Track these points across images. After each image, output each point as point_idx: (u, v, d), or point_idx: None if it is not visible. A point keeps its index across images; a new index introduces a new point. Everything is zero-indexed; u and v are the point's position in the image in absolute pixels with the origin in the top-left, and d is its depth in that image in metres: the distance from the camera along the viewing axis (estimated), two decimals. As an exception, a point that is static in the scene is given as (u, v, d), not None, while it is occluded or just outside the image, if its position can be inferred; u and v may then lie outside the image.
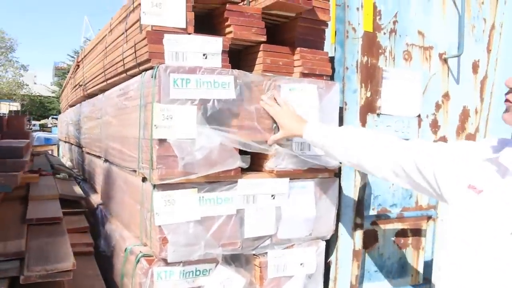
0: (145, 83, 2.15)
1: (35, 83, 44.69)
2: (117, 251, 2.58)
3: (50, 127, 22.84)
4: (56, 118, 27.25)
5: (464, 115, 3.09)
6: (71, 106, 6.21)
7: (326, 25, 2.52)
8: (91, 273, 2.50)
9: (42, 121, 28.18)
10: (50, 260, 1.96)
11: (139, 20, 2.24)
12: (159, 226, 2.01)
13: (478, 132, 3.14)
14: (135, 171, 2.37)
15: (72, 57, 31.32)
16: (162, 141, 1.98)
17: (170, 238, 2.02)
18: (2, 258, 1.93)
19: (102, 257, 2.84)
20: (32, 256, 1.99)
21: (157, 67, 1.99)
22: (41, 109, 37.68)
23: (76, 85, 5.27)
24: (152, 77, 2.01)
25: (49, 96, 38.17)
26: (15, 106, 33.12)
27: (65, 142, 7.30)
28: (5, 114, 27.69)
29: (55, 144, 11.02)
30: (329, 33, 2.74)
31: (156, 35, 2.04)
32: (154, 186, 2.03)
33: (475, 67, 3.13)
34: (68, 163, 6.53)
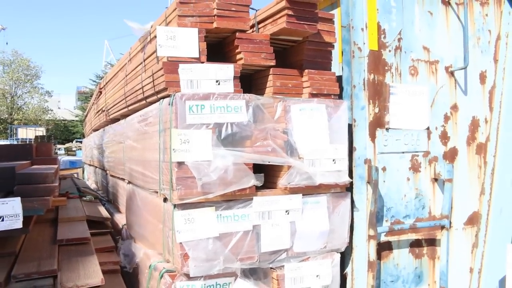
0: (163, 110, 2.31)
1: (59, 107, 45.86)
2: (142, 268, 2.72)
3: (74, 151, 23.36)
4: (80, 142, 27.84)
5: (474, 125, 3.15)
6: (94, 130, 6.45)
7: (332, 46, 2.67)
8: (118, 290, 2.65)
9: (67, 145, 28.84)
10: (80, 277, 2.13)
11: (155, 51, 2.41)
12: (180, 243, 2.15)
13: (489, 141, 3.19)
14: (156, 192, 2.53)
15: (94, 81, 32.03)
16: (180, 164, 2.13)
17: (191, 254, 2.16)
18: (36, 276, 2.11)
19: (128, 275, 2.98)
20: (64, 273, 2.16)
21: (174, 95, 2.16)
22: (66, 133, 38.57)
23: (99, 111, 5.50)
24: (169, 104, 2.17)
25: (73, 120, 39.07)
26: (41, 131, 33.98)
27: (90, 165, 7.55)
28: (31, 139, 28.48)
29: (80, 167, 11.34)
30: (337, 53, 2.88)
31: (171, 65, 2.21)
32: (175, 205, 2.18)
33: (482, 77, 3.19)
34: (93, 186, 6.76)
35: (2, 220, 2.08)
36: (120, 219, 3.89)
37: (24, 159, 3.62)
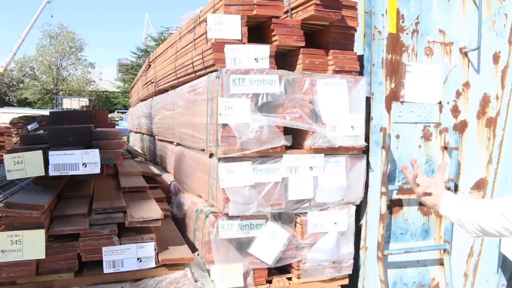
0: (211, 82, 2.82)
1: (100, 79, 47.38)
2: (189, 213, 3.29)
3: (117, 121, 24.41)
4: (122, 112, 28.86)
5: (485, 101, 3.49)
6: (141, 100, 7.06)
7: (355, 30, 3.09)
8: (170, 229, 3.23)
9: (109, 115, 30.05)
10: (144, 212, 2.70)
11: (205, 33, 2.91)
12: (223, 189, 2.69)
13: (499, 116, 3.53)
14: (203, 150, 3.07)
15: (135, 53, 32.82)
16: (225, 125, 2.66)
17: (231, 198, 2.70)
18: (111, 210, 2.70)
19: (176, 220, 3.56)
20: (131, 210, 2.73)
21: (220, 70, 2.67)
22: (107, 104, 39.98)
23: (147, 82, 6.08)
24: (216, 77, 2.68)
25: (114, 92, 40.37)
26: (84, 101, 35.46)
27: (136, 132, 8.22)
28: (76, 109, 29.80)
29: (124, 136, 12.13)
30: (360, 35, 3.29)
31: (219, 45, 2.71)
32: (219, 159, 2.71)
33: (496, 58, 3.50)
34: (139, 151, 7.42)
35: (85, 166, 2.67)
36: (167, 177, 4.47)
37: (86, 123, 4.22)
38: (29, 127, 10.62)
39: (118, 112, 31.46)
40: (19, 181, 3.47)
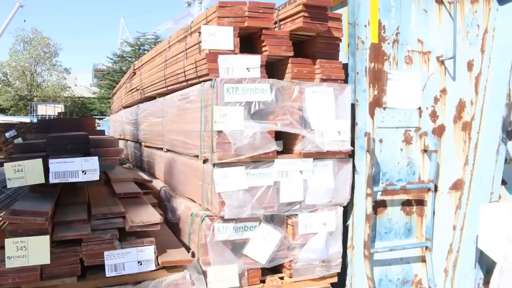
0: (204, 90, 2.95)
1: (75, 85, 46.62)
2: (184, 217, 3.40)
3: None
4: (99, 118, 28.50)
5: (461, 106, 3.71)
6: (125, 107, 7.09)
7: (340, 40, 3.26)
8: (165, 233, 3.33)
9: (86, 121, 29.54)
10: (143, 217, 2.80)
11: (198, 43, 3.04)
12: (219, 193, 2.82)
13: (474, 120, 3.75)
14: (196, 156, 3.18)
15: (111, 59, 32.60)
16: (220, 132, 2.79)
17: (226, 202, 2.82)
18: (110, 216, 2.79)
19: (169, 225, 3.65)
20: (130, 215, 2.83)
21: (215, 79, 2.80)
22: (83, 110, 39.34)
23: (132, 89, 6.14)
24: (211, 86, 2.81)
25: (90, 97, 39.83)
26: (60, 107, 34.89)
27: (120, 139, 8.22)
28: (51, 115, 29.31)
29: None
30: (344, 45, 3.46)
31: (212, 56, 2.84)
32: (214, 164, 2.84)
33: (470, 66, 3.73)
34: (123, 157, 7.43)
35: (85, 173, 2.75)
36: (156, 183, 4.55)
37: (74, 130, 4.27)
38: (7, 134, 10.48)
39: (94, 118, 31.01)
40: (5, 190, 3.51)
